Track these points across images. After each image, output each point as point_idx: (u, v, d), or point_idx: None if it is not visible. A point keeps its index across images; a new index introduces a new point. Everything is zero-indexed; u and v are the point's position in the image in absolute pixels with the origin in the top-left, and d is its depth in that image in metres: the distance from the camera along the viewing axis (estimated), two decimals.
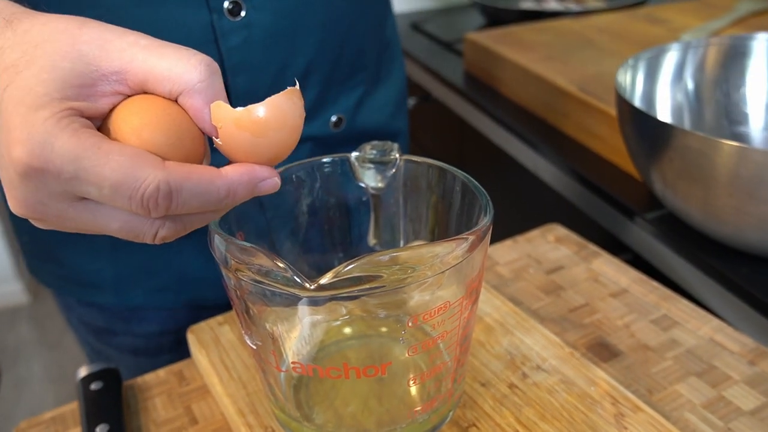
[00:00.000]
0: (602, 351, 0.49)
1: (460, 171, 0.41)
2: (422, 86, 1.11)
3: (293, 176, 0.43)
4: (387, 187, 0.45)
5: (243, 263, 0.33)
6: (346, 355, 0.43)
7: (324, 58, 0.55)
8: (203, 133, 0.32)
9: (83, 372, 0.46)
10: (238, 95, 0.51)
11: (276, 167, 0.33)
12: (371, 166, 0.44)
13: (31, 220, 0.30)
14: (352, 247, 0.47)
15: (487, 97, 0.95)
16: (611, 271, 0.57)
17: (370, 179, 0.44)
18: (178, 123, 0.30)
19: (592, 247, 0.60)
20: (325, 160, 0.44)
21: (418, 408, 0.38)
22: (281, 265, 0.31)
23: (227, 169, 0.30)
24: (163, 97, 0.31)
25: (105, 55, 0.29)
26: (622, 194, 0.68)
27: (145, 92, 0.31)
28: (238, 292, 0.35)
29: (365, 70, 0.60)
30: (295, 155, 0.37)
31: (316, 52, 0.54)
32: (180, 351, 0.62)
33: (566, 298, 0.55)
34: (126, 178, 0.27)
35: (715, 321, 0.51)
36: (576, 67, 0.86)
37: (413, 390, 0.39)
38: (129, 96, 0.30)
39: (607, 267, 0.58)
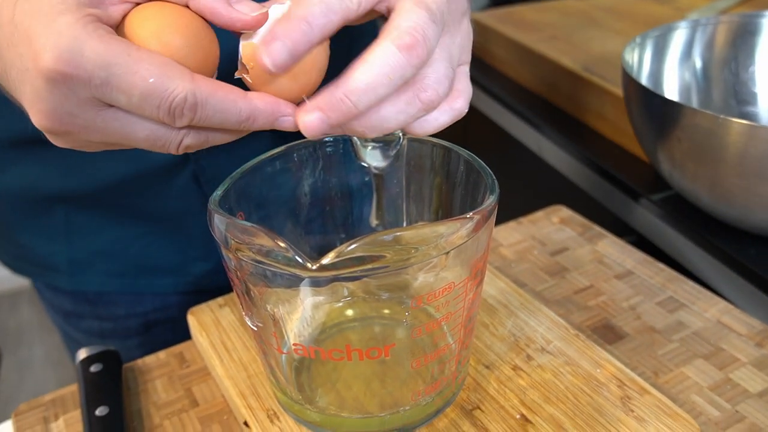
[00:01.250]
0: (607, 333, 0.49)
1: (464, 150, 0.40)
2: None
3: (294, 156, 0.42)
4: (390, 167, 0.44)
5: (243, 243, 0.32)
6: (349, 337, 0.42)
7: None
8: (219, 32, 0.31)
9: (83, 354, 0.46)
10: None
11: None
12: (374, 145, 0.43)
13: (55, 136, 0.30)
14: (354, 228, 0.47)
15: (490, 78, 0.93)
16: (616, 252, 0.57)
17: (373, 159, 0.43)
18: (194, 25, 0.30)
19: (597, 229, 0.60)
20: (327, 139, 0.43)
21: (422, 390, 0.38)
22: (282, 244, 0.30)
23: (253, 95, 0.30)
24: (174, 1, 0.30)
25: None
26: (627, 175, 0.68)
27: None
28: (238, 273, 0.34)
29: None
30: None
31: None
32: (148, 334, 0.62)
33: (571, 280, 0.54)
34: (156, 87, 0.27)
35: (722, 303, 0.51)
36: (580, 47, 0.85)
37: (417, 372, 0.38)
38: (138, 3, 0.30)
39: (612, 248, 0.57)
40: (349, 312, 0.44)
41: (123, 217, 0.56)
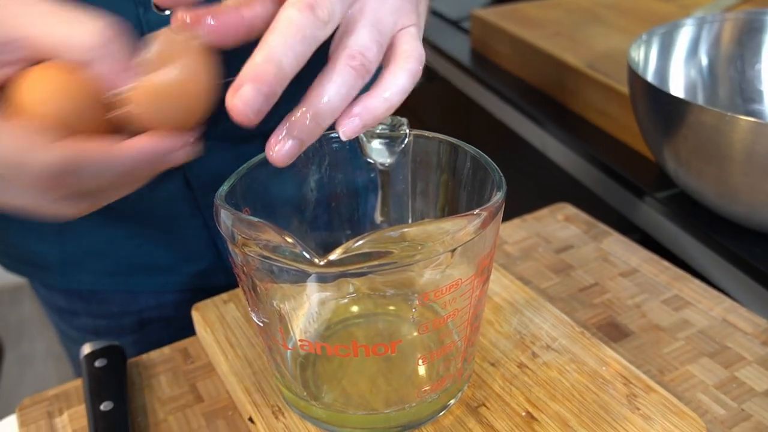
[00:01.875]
0: (613, 331, 0.49)
1: (471, 146, 0.40)
2: (428, 64, 1.09)
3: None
4: (396, 163, 0.44)
5: (250, 238, 0.32)
6: (354, 333, 0.42)
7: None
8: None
9: (87, 349, 0.46)
10: None
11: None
12: (380, 141, 0.43)
13: None
14: (359, 225, 0.47)
15: (494, 75, 0.93)
16: (621, 250, 0.57)
17: (379, 155, 0.43)
18: (87, 90, 0.29)
19: (602, 226, 0.59)
20: (332, 135, 0.43)
21: (427, 387, 0.37)
22: (290, 240, 0.30)
23: (130, 142, 0.29)
24: (69, 65, 0.29)
25: (1, 21, 0.28)
26: (632, 173, 0.67)
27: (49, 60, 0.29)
28: (245, 269, 0.34)
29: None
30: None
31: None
32: (143, 332, 0.61)
33: (576, 278, 0.54)
34: (18, 162, 0.26)
35: (728, 301, 0.50)
36: (584, 44, 0.85)
37: (422, 369, 0.38)
38: (33, 65, 0.29)
39: (617, 246, 0.57)
40: (355, 308, 0.44)
41: (113, 217, 0.56)
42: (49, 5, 0.28)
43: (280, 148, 0.30)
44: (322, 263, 0.30)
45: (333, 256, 0.30)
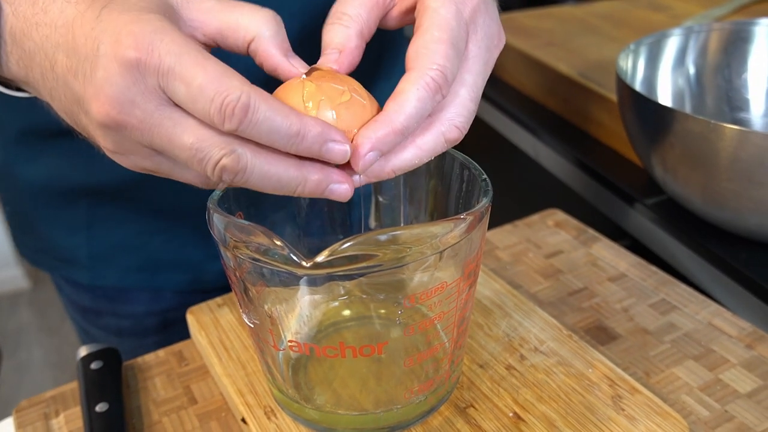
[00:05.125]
0: (600, 334, 0.49)
1: (460, 153, 0.41)
2: None
3: None
4: None
5: (241, 242, 0.33)
6: (344, 335, 0.43)
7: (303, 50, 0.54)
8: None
9: (83, 351, 0.46)
10: None
11: None
12: None
13: (107, 130, 0.31)
14: (352, 230, 0.47)
15: (487, 83, 0.94)
16: (610, 255, 0.57)
17: None
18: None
19: (592, 232, 0.60)
20: None
21: (416, 389, 0.38)
22: (279, 243, 0.31)
23: (305, 115, 0.31)
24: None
25: (186, 5, 0.33)
26: (621, 180, 0.68)
27: (218, 43, 0.34)
28: (236, 272, 0.35)
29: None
30: None
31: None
32: (166, 333, 0.62)
33: (565, 282, 0.55)
34: (214, 81, 0.28)
35: (714, 305, 0.51)
36: (577, 53, 0.86)
37: (411, 371, 0.39)
38: (201, 44, 0.33)
39: (606, 251, 0.58)
40: (346, 312, 0.45)
41: (144, 211, 0.57)
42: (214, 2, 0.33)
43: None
44: (308, 265, 0.31)
45: (320, 258, 0.31)
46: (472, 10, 0.35)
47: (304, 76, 0.33)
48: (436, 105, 0.33)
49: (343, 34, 0.35)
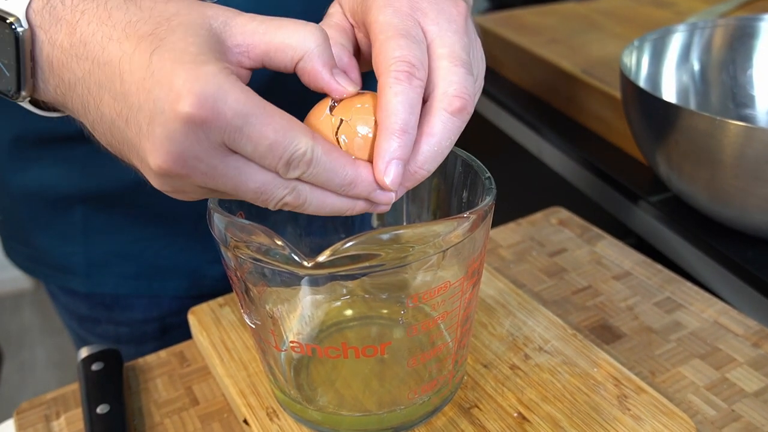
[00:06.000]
0: (605, 333, 0.49)
1: (462, 151, 0.40)
2: None
3: None
4: None
5: (242, 241, 0.32)
6: (346, 336, 0.43)
7: None
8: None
9: (84, 353, 0.46)
10: None
11: None
12: None
13: (167, 178, 0.30)
14: (353, 229, 0.47)
15: (490, 81, 0.94)
16: (614, 253, 0.57)
17: None
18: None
19: (596, 230, 0.60)
20: None
21: (419, 389, 0.38)
22: (279, 242, 0.31)
23: (360, 163, 0.32)
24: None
25: (229, 30, 0.31)
26: (625, 177, 0.68)
27: (265, 65, 0.33)
28: (237, 272, 0.35)
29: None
30: None
31: None
32: (165, 339, 0.62)
33: (569, 281, 0.54)
34: (283, 140, 0.29)
35: (720, 304, 0.51)
36: (580, 51, 0.85)
37: (414, 371, 0.39)
38: (248, 69, 0.33)
39: (610, 250, 0.57)
40: (348, 312, 0.44)
41: (140, 218, 0.56)
42: (261, 16, 0.32)
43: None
44: (310, 265, 0.30)
45: (321, 257, 0.30)
46: (409, 1, 0.35)
47: (333, 103, 0.34)
48: (421, 90, 0.32)
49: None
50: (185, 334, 0.51)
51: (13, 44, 0.31)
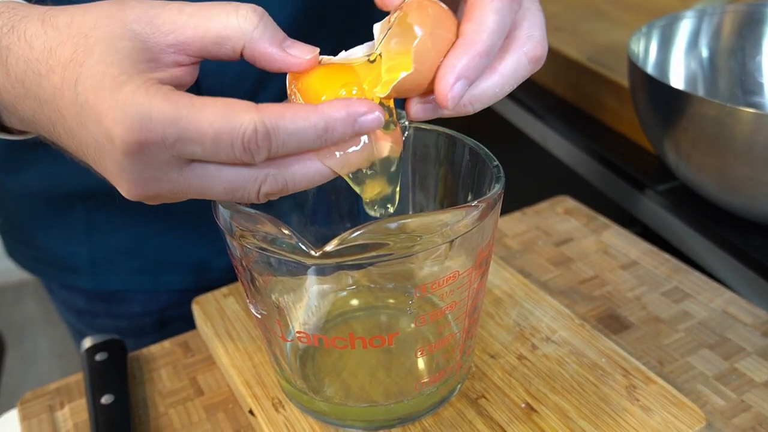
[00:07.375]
0: (613, 323, 0.49)
1: (470, 138, 0.40)
2: None
3: None
4: None
5: (248, 231, 0.32)
6: (353, 326, 0.42)
7: (299, 30, 0.52)
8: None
9: (88, 343, 0.46)
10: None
11: None
12: None
13: (147, 200, 0.30)
14: (359, 218, 0.47)
15: None
16: (621, 243, 0.56)
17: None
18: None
19: (602, 219, 0.59)
20: None
21: (427, 379, 0.37)
22: (286, 231, 0.30)
23: (322, 104, 0.29)
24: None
25: (156, 30, 0.29)
26: (632, 166, 0.67)
27: (207, 58, 0.30)
28: (243, 262, 0.34)
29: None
30: None
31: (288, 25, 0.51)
32: (164, 331, 0.61)
33: (576, 270, 0.54)
34: (223, 127, 0.27)
35: (728, 293, 0.50)
36: (586, 38, 0.84)
37: (421, 361, 0.38)
38: (191, 65, 0.30)
39: (617, 239, 0.57)
40: (355, 301, 0.44)
41: (143, 213, 0.56)
42: (191, 5, 0.30)
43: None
44: (317, 254, 0.30)
45: (329, 247, 0.30)
46: None
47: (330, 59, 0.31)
48: (514, 17, 0.30)
49: None
50: (184, 327, 0.51)
51: None
